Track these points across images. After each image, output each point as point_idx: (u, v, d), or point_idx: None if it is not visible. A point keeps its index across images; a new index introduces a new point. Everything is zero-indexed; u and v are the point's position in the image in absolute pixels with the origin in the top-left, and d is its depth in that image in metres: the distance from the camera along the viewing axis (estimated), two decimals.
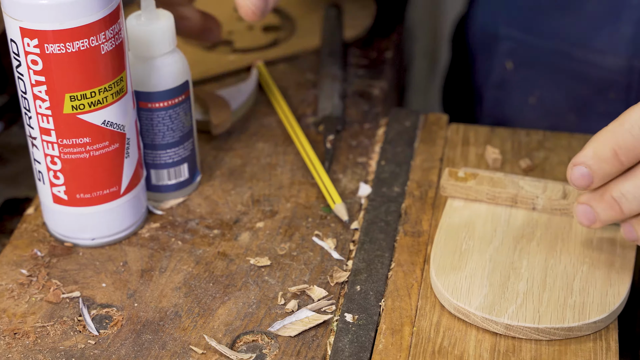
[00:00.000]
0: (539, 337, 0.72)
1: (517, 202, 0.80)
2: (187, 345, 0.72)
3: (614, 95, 1.01)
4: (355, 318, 0.74)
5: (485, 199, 0.80)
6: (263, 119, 0.94)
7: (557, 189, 0.80)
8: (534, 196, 0.79)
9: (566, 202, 0.79)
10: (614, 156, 0.70)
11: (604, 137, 0.70)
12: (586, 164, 0.71)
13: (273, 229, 0.82)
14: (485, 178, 0.81)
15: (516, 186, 0.80)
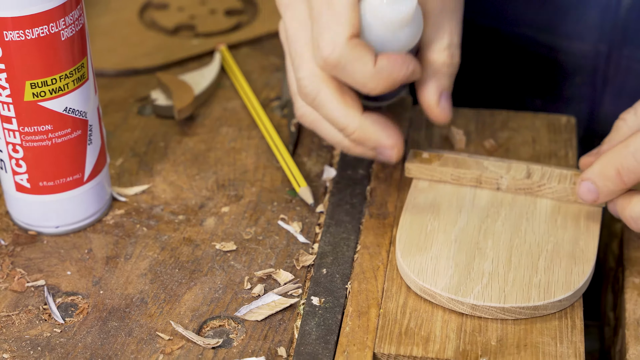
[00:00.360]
0: (505, 317, 0.72)
1: (481, 182, 0.80)
2: (154, 332, 0.72)
3: (580, 80, 1.02)
4: (321, 301, 0.74)
5: (449, 180, 0.81)
6: (227, 103, 0.93)
7: (521, 168, 0.80)
8: (498, 176, 0.80)
9: (530, 182, 0.79)
10: (618, 176, 0.74)
11: (610, 157, 0.74)
12: (592, 180, 0.75)
13: (238, 214, 0.82)
14: (449, 159, 0.81)
15: (480, 167, 0.80)
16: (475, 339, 0.71)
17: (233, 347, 0.71)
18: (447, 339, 0.71)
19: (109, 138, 0.89)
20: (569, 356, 0.70)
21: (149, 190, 0.84)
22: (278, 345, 0.71)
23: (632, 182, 0.74)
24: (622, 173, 0.73)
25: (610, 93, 1.00)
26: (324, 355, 0.70)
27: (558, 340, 0.71)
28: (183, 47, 1.00)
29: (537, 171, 0.80)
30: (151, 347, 0.71)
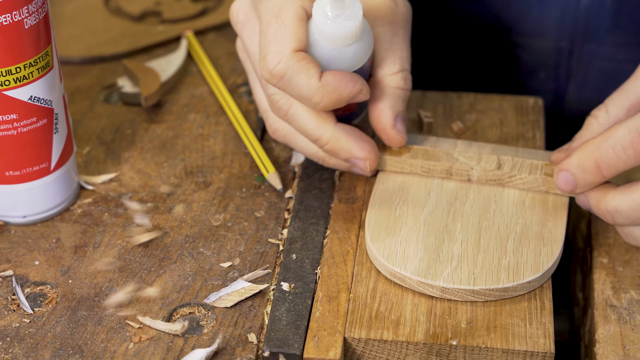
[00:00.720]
0: (475, 299, 0.72)
1: (452, 174, 0.80)
2: (124, 320, 0.72)
3: (544, 75, 1.02)
4: (291, 286, 0.74)
5: (420, 172, 0.80)
6: (194, 89, 0.93)
7: (492, 159, 0.80)
8: (468, 168, 0.79)
9: (500, 173, 0.79)
10: (596, 169, 0.74)
11: (589, 149, 0.74)
12: (571, 171, 0.75)
13: (207, 200, 0.82)
14: (419, 151, 0.81)
15: (450, 158, 0.80)
16: (445, 321, 0.71)
17: (203, 334, 0.71)
18: (417, 322, 0.71)
19: (76, 126, 0.88)
20: (539, 337, 0.70)
21: (117, 178, 0.84)
22: (248, 331, 0.71)
23: (610, 175, 0.74)
24: (601, 166, 0.73)
25: (574, 86, 1.01)
26: (295, 340, 0.70)
27: (527, 321, 0.71)
28: (149, 34, 0.99)
29: (508, 162, 0.80)
30: (121, 335, 0.71)
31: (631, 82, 0.78)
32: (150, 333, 0.71)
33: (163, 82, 0.92)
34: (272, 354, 0.70)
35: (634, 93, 0.78)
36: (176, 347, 0.70)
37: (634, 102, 0.78)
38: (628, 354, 0.70)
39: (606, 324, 0.73)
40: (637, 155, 0.72)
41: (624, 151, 0.72)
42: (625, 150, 0.72)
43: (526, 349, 0.69)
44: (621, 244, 0.78)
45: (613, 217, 0.74)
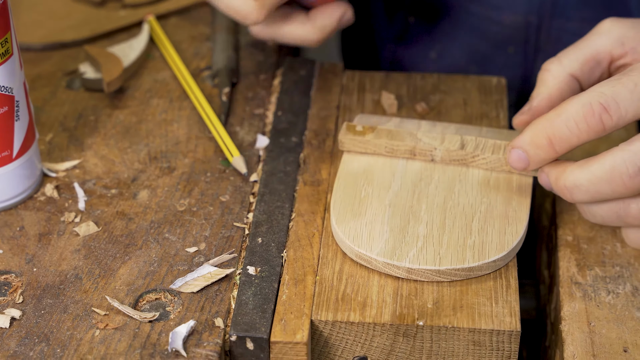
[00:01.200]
0: (441, 279, 0.72)
1: (415, 154, 0.80)
2: (89, 308, 0.72)
3: (513, 49, 1.02)
4: (257, 270, 0.74)
5: (383, 153, 0.80)
6: (157, 74, 0.93)
7: (455, 140, 0.80)
8: (432, 148, 0.79)
9: (464, 153, 0.79)
10: (549, 145, 0.73)
11: (541, 125, 0.73)
12: (523, 148, 0.74)
13: (172, 186, 0.81)
14: (383, 131, 0.81)
15: (414, 138, 0.80)
16: (411, 302, 0.71)
17: (170, 319, 0.71)
18: (384, 303, 0.71)
19: (38, 113, 0.88)
20: (505, 315, 0.70)
21: (80, 165, 0.83)
22: (215, 316, 0.71)
23: (563, 151, 0.73)
24: (554, 142, 0.73)
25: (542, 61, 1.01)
26: (262, 324, 0.70)
27: (493, 300, 0.71)
28: (110, 19, 0.99)
29: (471, 142, 0.79)
30: (87, 323, 0.71)
31: (587, 38, 0.78)
32: (117, 320, 0.71)
33: (125, 68, 0.91)
34: (239, 338, 0.69)
35: (589, 48, 0.77)
36: (143, 334, 0.70)
37: (588, 56, 0.77)
38: (593, 330, 0.71)
39: (571, 301, 0.73)
40: (590, 130, 0.71)
41: (577, 126, 0.71)
42: (578, 125, 0.71)
43: (492, 327, 0.70)
44: (585, 221, 0.79)
45: (572, 193, 0.73)
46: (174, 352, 0.68)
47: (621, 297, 0.73)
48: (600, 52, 0.77)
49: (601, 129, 0.71)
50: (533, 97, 0.78)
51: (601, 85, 0.72)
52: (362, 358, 0.72)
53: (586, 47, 0.77)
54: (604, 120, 0.71)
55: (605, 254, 0.76)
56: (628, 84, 0.71)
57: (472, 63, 1.05)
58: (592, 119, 0.71)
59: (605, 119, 0.71)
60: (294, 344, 0.69)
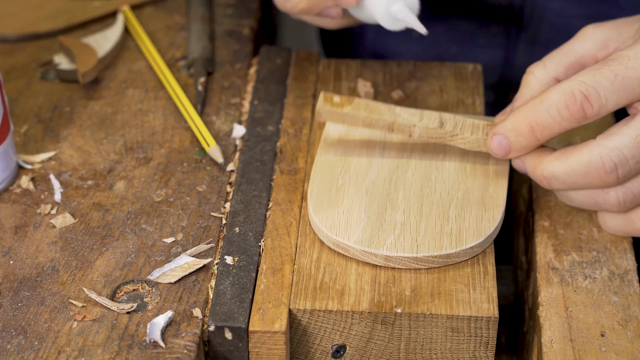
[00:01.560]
0: (418, 266, 0.73)
1: (393, 129, 0.79)
2: (67, 300, 0.71)
3: (495, 29, 1.02)
4: (235, 260, 0.74)
5: (361, 125, 0.79)
6: (132, 65, 0.92)
7: (434, 117, 0.79)
8: (411, 124, 0.79)
9: (443, 131, 0.78)
10: (531, 132, 0.73)
11: (524, 113, 0.73)
12: (505, 135, 0.75)
13: (148, 176, 0.81)
14: (361, 104, 0.79)
15: (393, 113, 0.79)
16: (389, 289, 0.71)
17: (148, 310, 0.71)
18: (362, 291, 0.71)
19: (13, 105, 0.87)
20: (482, 302, 0.70)
21: (56, 156, 0.83)
22: (193, 306, 0.71)
23: (545, 139, 0.74)
24: (536, 129, 0.73)
25: (524, 42, 1.01)
26: (240, 314, 0.70)
27: (471, 286, 0.72)
28: (85, 9, 0.98)
29: (450, 120, 0.79)
30: (64, 315, 0.70)
31: (572, 42, 0.79)
32: (94, 312, 0.71)
33: (100, 58, 0.91)
34: (217, 328, 0.69)
35: (574, 52, 0.78)
36: (121, 325, 0.70)
37: (572, 60, 0.78)
38: (571, 315, 0.71)
39: (549, 286, 0.73)
40: (572, 118, 0.72)
41: (559, 113, 0.72)
42: (560, 113, 0.72)
43: (470, 314, 0.70)
44: (562, 207, 0.79)
45: (549, 182, 0.74)
46: (152, 343, 0.68)
47: (598, 282, 0.73)
48: (584, 56, 0.78)
49: (582, 116, 0.72)
50: (516, 99, 0.79)
51: (582, 74, 0.72)
52: (340, 346, 0.72)
53: (570, 51, 0.78)
54: (585, 108, 0.71)
55: (582, 239, 0.76)
56: (608, 74, 0.71)
57: (454, 44, 1.04)
58: (574, 106, 0.71)
59: (587, 108, 0.71)
60: (272, 333, 0.69)
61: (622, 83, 0.71)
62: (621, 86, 0.71)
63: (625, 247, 0.76)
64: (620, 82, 0.71)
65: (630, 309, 0.72)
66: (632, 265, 0.75)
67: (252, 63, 0.93)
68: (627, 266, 0.74)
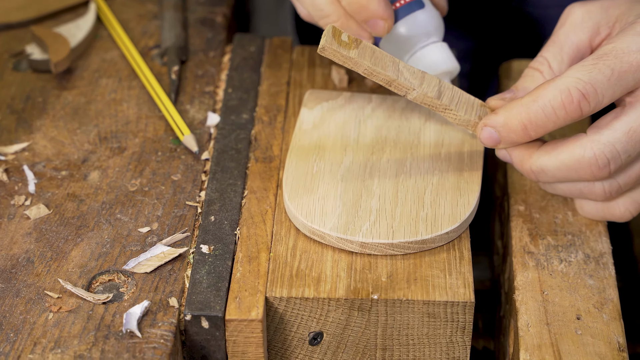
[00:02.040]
0: (394, 252, 0.73)
1: (391, 86, 0.75)
2: (42, 291, 0.71)
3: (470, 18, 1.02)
4: (211, 249, 0.74)
5: (362, 73, 0.75)
6: (105, 54, 0.92)
7: (434, 84, 0.75)
8: (410, 87, 0.75)
9: (438, 102, 0.75)
10: (523, 129, 0.72)
11: (517, 110, 0.72)
12: (496, 128, 0.73)
13: (123, 166, 0.81)
14: (367, 51, 0.74)
15: (396, 71, 0.75)
16: (365, 276, 0.71)
17: (124, 300, 0.70)
18: (338, 278, 0.71)
19: None
20: (458, 287, 0.71)
21: (30, 147, 0.82)
22: (169, 295, 0.71)
23: (538, 135, 0.73)
24: (529, 128, 0.72)
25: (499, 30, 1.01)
26: (216, 302, 0.70)
27: (447, 272, 0.72)
28: None
29: (448, 92, 0.76)
30: (40, 306, 0.70)
31: (566, 33, 0.76)
32: (70, 303, 0.70)
33: (73, 48, 0.90)
34: (193, 317, 0.69)
35: (570, 46, 0.76)
36: (97, 316, 0.69)
37: (572, 56, 0.76)
38: (547, 299, 0.71)
39: (524, 270, 0.73)
40: (567, 116, 0.71)
41: (555, 112, 0.71)
42: (556, 112, 0.71)
43: (446, 299, 0.70)
44: (537, 191, 0.79)
45: (537, 176, 0.73)
46: (129, 333, 0.68)
47: (573, 265, 0.74)
48: (580, 47, 0.77)
49: (579, 115, 0.71)
50: (518, 89, 0.77)
51: (577, 70, 0.71)
52: (317, 333, 0.72)
53: (566, 45, 0.76)
54: (583, 106, 0.70)
55: (557, 222, 0.77)
56: (605, 70, 0.70)
57: None
58: (571, 105, 0.70)
59: (584, 106, 0.70)
60: (249, 322, 0.69)
61: (618, 78, 0.70)
62: (617, 81, 0.70)
63: (600, 230, 0.76)
64: (616, 77, 0.70)
65: (605, 291, 0.72)
66: (607, 248, 0.75)
67: (226, 51, 0.92)
68: (602, 249, 0.75)
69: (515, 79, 0.88)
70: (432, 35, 0.81)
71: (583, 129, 0.74)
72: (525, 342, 0.69)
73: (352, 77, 0.88)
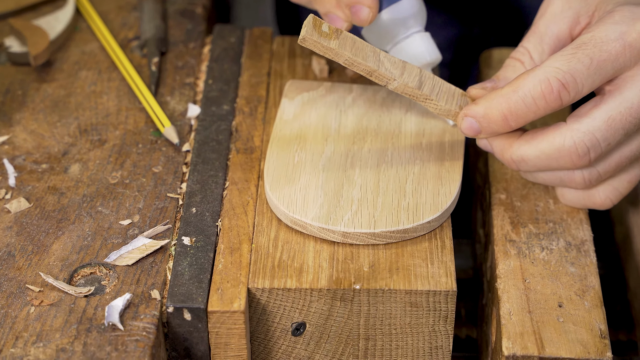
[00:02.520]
0: (376, 242, 0.73)
1: (372, 77, 0.75)
2: (23, 285, 0.71)
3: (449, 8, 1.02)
4: (192, 241, 0.73)
5: (343, 63, 0.74)
6: (84, 46, 0.91)
7: (414, 74, 0.75)
8: (391, 77, 0.75)
9: (420, 93, 0.75)
10: (503, 120, 0.72)
11: (497, 100, 0.72)
12: (476, 119, 0.73)
13: (103, 158, 0.80)
14: (348, 41, 0.74)
15: (377, 61, 0.75)
16: (347, 266, 0.71)
17: (106, 293, 0.70)
18: (320, 268, 0.71)
19: None
20: (440, 276, 0.71)
21: (9, 140, 0.82)
22: (151, 288, 0.70)
23: (518, 125, 0.73)
24: (509, 118, 0.72)
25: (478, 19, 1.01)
26: (198, 294, 0.69)
27: (429, 261, 0.72)
28: None
29: (429, 82, 0.76)
30: (21, 300, 0.70)
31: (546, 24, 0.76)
32: (52, 296, 0.70)
33: (52, 40, 0.90)
34: (176, 309, 0.69)
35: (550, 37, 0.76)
36: (79, 309, 0.69)
37: (552, 47, 0.76)
38: (528, 287, 0.71)
39: (506, 259, 0.73)
40: (548, 106, 0.71)
41: (535, 103, 0.71)
42: (536, 102, 0.71)
43: (429, 288, 0.70)
44: (518, 179, 0.79)
45: (518, 165, 0.74)
46: (111, 326, 0.68)
47: (555, 253, 0.74)
48: (561, 37, 0.77)
49: (559, 105, 0.71)
50: (499, 79, 0.77)
51: (556, 59, 0.71)
52: (300, 324, 0.72)
53: (547, 35, 0.76)
54: (563, 96, 0.71)
55: (539, 210, 0.77)
56: (584, 59, 0.71)
57: None
58: (551, 95, 0.71)
59: (564, 95, 0.71)
60: (231, 313, 0.69)
61: (597, 67, 0.71)
62: (597, 70, 0.71)
63: (582, 217, 0.76)
64: (595, 66, 0.70)
65: (587, 279, 0.72)
66: (588, 235, 0.75)
67: (206, 42, 0.92)
68: (583, 237, 0.75)
69: (496, 67, 0.88)
70: (414, 24, 0.81)
71: (564, 117, 0.74)
72: (508, 330, 0.69)
73: (332, 68, 0.88)
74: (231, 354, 0.71)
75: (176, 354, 0.71)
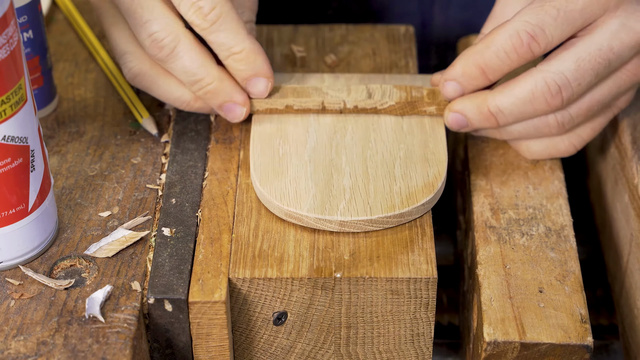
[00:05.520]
0: (373, 228, 0.72)
1: (324, 108, 0.80)
2: (3, 278, 0.71)
3: None
4: (172, 231, 0.73)
5: (293, 110, 0.80)
6: (61, 37, 0.91)
7: (361, 89, 0.80)
8: (340, 101, 0.79)
9: (372, 101, 0.79)
10: (482, 74, 0.75)
11: (472, 58, 0.75)
12: (457, 80, 0.76)
13: (81, 150, 0.80)
14: (288, 90, 0.80)
15: (321, 93, 0.80)
16: (328, 255, 0.71)
17: (86, 285, 0.70)
18: (301, 257, 0.71)
19: None
20: (421, 263, 0.71)
21: None
22: (132, 279, 0.70)
23: (496, 78, 0.76)
24: (487, 71, 0.75)
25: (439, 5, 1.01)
26: (179, 285, 0.69)
27: (409, 249, 0.72)
28: None
29: (377, 90, 0.80)
30: (1, 294, 0.69)
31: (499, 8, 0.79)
32: (32, 289, 0.70)
33: None
34: (157, 301, 0.69)
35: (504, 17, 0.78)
36: (59, 302, 0.69)
37: None
38: (509, 273, 0.72)
39: (486, 245, 0.74)
40: (520, 58, 0.74)
41: (508, 56, 0.74)
42: (508, 55, 0.74)
43: (409, 276, 0.70)
44: (498, 165, 0.79)
45: (497, 117, 0.76)
46: (92, 318, 0.68)
47: (535, 239, 0.74)
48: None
49: (530, 56, 0.74)
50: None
51: (525, 13, 0.74)
52: (281, 313, 0.72)
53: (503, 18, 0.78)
54: (533, 48, 0.73)
55: (518, 196, 0.77)
56: (551, 11, 0.73)
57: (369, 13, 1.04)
58: (522, 48, 0.73)
59: (534, 47, 0.73)
60: (212, 304, 0.69)
61: (564, 17, 0.73)
62: (564, 20, 0.73)
63: (561, 203, 0.77)
64: (563, 16, 0.73)
65: (567, 264, 0.72)
66: (567, 221, 0.75)
67: None
68: (563, 222, 0.75)
69: None
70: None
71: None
72: (489, 316, 0.69)
73: (310, 56, 0.88)
74: (213, 344, 0.71)
75: (158, 345, 0.71)
